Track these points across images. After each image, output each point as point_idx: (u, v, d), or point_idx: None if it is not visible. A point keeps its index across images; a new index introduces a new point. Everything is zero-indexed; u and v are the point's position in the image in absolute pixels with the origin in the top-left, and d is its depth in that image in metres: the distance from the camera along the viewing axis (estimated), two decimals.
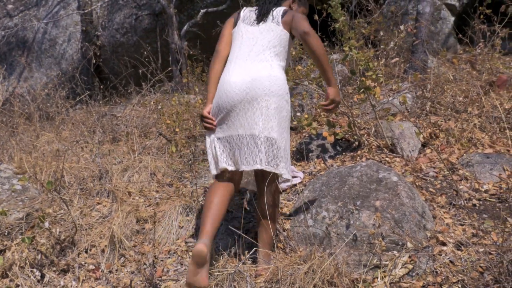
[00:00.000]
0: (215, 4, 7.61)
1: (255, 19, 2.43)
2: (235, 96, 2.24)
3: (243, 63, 2.30)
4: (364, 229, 2.29)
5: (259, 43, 2.33)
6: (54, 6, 8.62)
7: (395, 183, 2.49)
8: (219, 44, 2.46)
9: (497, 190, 2.69)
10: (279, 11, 2.39)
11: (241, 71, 2.27)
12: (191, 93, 6.18)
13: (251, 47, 2.33)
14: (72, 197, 3.14)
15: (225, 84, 2.29)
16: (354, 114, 3.82)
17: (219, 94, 2.31)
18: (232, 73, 2.29)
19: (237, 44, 2.39)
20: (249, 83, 2.23)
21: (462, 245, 2.23)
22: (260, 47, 2.32)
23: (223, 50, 2.45)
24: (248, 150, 2.23)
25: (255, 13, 2.46)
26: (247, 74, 2.25)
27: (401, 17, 6.39)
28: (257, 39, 2.34)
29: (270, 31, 2.34)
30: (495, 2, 5.30)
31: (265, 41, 2.33)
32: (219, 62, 2.44)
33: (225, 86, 2.28)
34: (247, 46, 2.34)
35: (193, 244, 2.70)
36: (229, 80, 2.28)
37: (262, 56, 2.30)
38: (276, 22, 2.35)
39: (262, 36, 2.34)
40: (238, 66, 2.30)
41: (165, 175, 3.58)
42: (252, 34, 2.37)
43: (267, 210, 2.27)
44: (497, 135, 3.30)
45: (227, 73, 2.33)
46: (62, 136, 4.65)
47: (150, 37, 7.99)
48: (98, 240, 2.73)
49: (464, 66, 4.97)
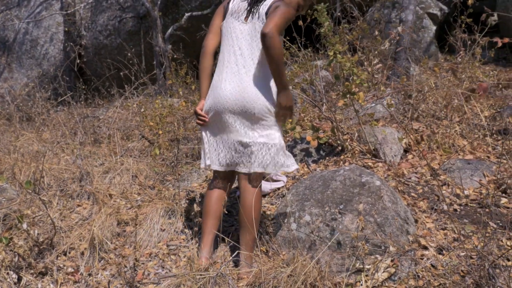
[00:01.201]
0: (200, 8, 7.60)
1: (243, 13, 2.32)
2: (225, 103, 2.25)
3: (234, 68, 2.27)
4: (347, 232, 2.29)
5: (248, 46, 2.28)
6: (37, 7, 8.50)
7: (378, 187, 2.50)
8: (206, 38, 2.40)
9: (477, 196, 2.73)
10: (266, 6, 2.26)
11: (232, 78, 2.26)
12: (174, 96, 6.15)
13: (241, 51, 2.28)
14: (51, 198, 3.08)
15: (218, 89, 2.29)
16: (337, 119, 3.84)
17: (213, 95, 2.31)
18: (224, 79, 2.28)
19: (227, 44, 2.33)
20: (238, 94, 2.23)
21: (443, 249, 2.25)
22: (248, 51, 2.28)
23: (210, 45, 2.40)
24: (236, 154, 2.30)
25: (246, 3, 2.33)
26: (237, 84, 2.24)
27: (384, 24, 6.47)
28: (246, 40, 2.29)
29: (257, 32, 2.24)
30: (476, 12, 5.40)
31: (254, 44, 2.27)
32: (206, 58, 2.40)
33: (218, 91, 2.28)
34: (237, 48, 2.29)
35: (174, 247, 2.66)
36: (221, 86, 2.27)
37: (250, 61, 2.27)
38: (261, 20, 2.24)
39: (250, 38, 2.28)
40: (230, 72, 2.27)
41: (147, 177, 3.54)
42: (241, 33, 2.30)
43: (251, 212, 2.27)
44: (477, 142, 3.36)
45: (219, 77, 2.30)
46: (42, 137, 4.57)
47: (134, 39, 7.93)
48: (78, 243, 2.68)
49: (445, 74, 5.05)
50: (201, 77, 2.42)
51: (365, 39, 5.65)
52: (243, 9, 2.33)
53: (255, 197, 2.29)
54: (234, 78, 2.26)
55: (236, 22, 2.32)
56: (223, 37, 2.38)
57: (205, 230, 2.38)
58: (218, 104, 2.27)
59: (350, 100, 3.41)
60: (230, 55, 2.30)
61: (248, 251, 2.29)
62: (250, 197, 2.28)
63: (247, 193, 2.29)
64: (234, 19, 2.34)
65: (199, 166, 3.67)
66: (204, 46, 2.41)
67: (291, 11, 2.22)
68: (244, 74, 2.25)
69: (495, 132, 3.49)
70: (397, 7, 6.48)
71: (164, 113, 4.44)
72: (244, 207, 2.29)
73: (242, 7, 2.33)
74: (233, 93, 2.23)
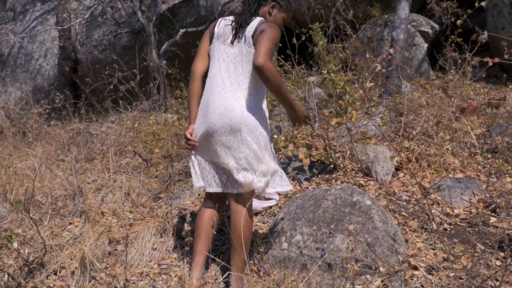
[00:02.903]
0: (195, 24, 7.67)
1: (229, 36, 2.34)
2: (213, 126, 2.26)
3: (221, 91, 2.27)
4: (338, 253, 2.30)
5: (234, 69, 2.29)
6: (32, 21, 8.55)
7: (368, 206, 2.52)
8: (195, 62, 2.42)
9: (467, 215, 2.75)
10: (252, 28, 2.27)
11: (219, 100, 2.26)
12: (169, 111, 6.17)
13: (228, 74, 2.29)
14: (43, 216, 3.07)
15: (206, 112, 2.30)
16: (330, 137, 3.87)
17: (202, 118, 2.33)
18: (211, 102, 2.28)
19: (214, 67, 2.34)
20: (225, 116, 2.23)
21: (433, 269, 2.26)
22: (235, 74, 2.29)
23: (198, 69, 2.42)
24: (224, 175, 2.35)
25: (230, 27, 2.36)
26: (223, 106, 2.24)
27: (377, 42, 6.55)
28: (232, 63, 2.30)
29: (244, 55, 2.27)
30: (466, 30, 5.49)
31: (239, 67, 2.28)
32: (195, 82, 2.41)
33: (206, 113, 2.30)
34: (224, 71, 2.30)
35: (166, 267, 2.66)
36: (208, 108, 2.29)
37: (237, 85, 2.27)
38: (248, 44, 2.26)
39: (237, 61, 2.29)
40: (217, 94, 2.27)
41: (140, 195, 3.54)
42: (228, 56, 2.31)
43: (241, 233, 2.28)
44: (468, 160, 3.39)
45: (208, 100, 2.31)
46: (36, 153, 4.56)
47: (129, 55, 7.98)
48: (68, 262, 2.66)
49: (436, 92, 5.11)
50: (190, 101, 2.43)
51: (357, 57, 5.72)
52: (229, 32, 2.35)
53: (244, 218, 2.29)
54: (221, 100, 2.25)
55: (223, 45, 2.34)
56: (211, 60, 2.40)
57: (196, 250, 2.38)
58: (207, 126, 2.28)
59: (343, 118, 3.44)
60: (217, 78, 2.31)
61: (238, 273, 2.29)
62: (239, 218, 2.28)
63: (237, 214, 2.30)
64: (220, 43, 2.35)
65: (191, 184, 3.68)
66: (193, 71, 2.42)
67: (277, 32, 2.25)
68: (231, 97, 2.25)
69: (485, 151, 3.53)
70: (389, 25, 6.57)
71: (157, 130, 4.45)
72: (234, 229, 2.29)
73: (228, 31, 2.36)
74: (220, 115, 2.24)
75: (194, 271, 2.34)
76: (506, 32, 5.77)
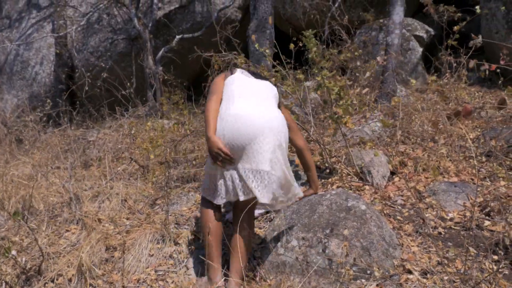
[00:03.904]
0: (191, 30, 7.70)
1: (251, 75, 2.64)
2: (247, 131, 2.30)
3: (253, 102, 2.43)
4: (333, 257, 2.32)
5: (263, 91, 2.54)
6: (28, 28, 8.56)
7: (363, 211, 2.54)
8: (217, 88, 2.52)
9: (461, 218, 2.77)
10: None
11: (253, 110, 2.37)
12: (165, 118, 6.19)
13: (256, 93, 2.50)
14: (40, 224, 3.08)
15: (237, 118, 2.33)
16: (325, 142, 3.90)
17: (233, 129, 2.32)
18: (244, 112, 2.35)
19: (238, 88, 2.49)
20: (265, 122, 2.33)
21: (427, 273, 2.28)
22: (264, 93, 2.53)
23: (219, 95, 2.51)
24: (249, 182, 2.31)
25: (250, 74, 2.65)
26: (261, 113, 2.37)
27: (372, 47, 6.60)
28: (259, 87, 2.56)
29: (269, 87, 2.60)
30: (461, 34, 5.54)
31: (267, 90, 2.56)
32: (217, 103, 2.46)
33: (236, 120, 2.33)
34: (252, 90, 2.51)
35: (162, 273, 2.67)
36: (243, 117, 2.34)
37: (267, 101, 2.49)
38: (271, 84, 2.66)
39: (263, 87, 2.57)
40: (249, 105, 2.40)
41: (137, 201, 3.55)
42: (254, 84, 2.56)
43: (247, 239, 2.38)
44: (462, 165, 3.42)
45: (241, 110, 2.37)
46: (33, 160, 4.57)
47: (125, 61, 8.00)
48: (66, 269, 2.67)
49: (432, 96, 5.15)
50: (211, 116, 2.41)
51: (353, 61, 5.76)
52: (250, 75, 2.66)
53: (249, 225, 2.40)
54: (256, 110, 2.39)
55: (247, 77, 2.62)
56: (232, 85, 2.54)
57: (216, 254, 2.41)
58: (242, 134, 2.30)
59: (338, 123, 3.47)
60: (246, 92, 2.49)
61: (238, 278, 2.31)
62: (246, 224, 2.38)
63: (244, 221, 2.39)
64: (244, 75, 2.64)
65: (188, 190, 3.69)
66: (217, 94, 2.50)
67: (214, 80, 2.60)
68: (264, 108, 2.43)
69: (480, 154, 3.56)
70: (384, 30, 6.62)
71: (154, 136, 4.47)
72: (240, 235, 2.36)
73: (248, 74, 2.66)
74: (259, 122, 2.33)
75: (217, 273, 2.37)
76: (500, 36, 5.81)
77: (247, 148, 2.30)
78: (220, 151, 2.31)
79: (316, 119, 4.59)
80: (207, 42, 6.69)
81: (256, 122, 2.31)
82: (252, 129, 2.29)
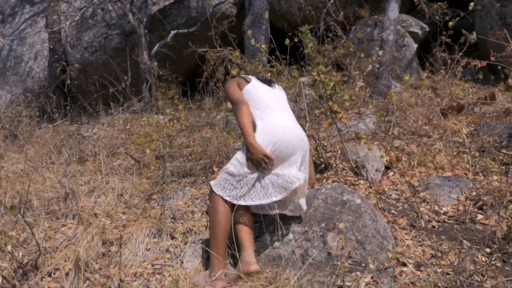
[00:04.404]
0: (186, 25, 7.68)
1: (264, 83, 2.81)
2: (295, 144, 2.54)
3: (286, 115, 2.66)
4: (329, 250, 2.34)
5: (284, 101, 2.80)
6: (21, 23, 8.51)
7: (358, 205, 2.56)
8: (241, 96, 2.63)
9: (455, 212, 2.81)
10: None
11: (291, 122, 2.63)
12: (160, 113, 6.18)
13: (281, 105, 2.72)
14: (36, 219, 3.08)
15: (286, 131, 2.53)
16: (320, 137, 3.92)
17: (285, 140, 2.51)
18: (287, 123, 2.58)
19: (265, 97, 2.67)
20: (303, 136, 2.63)
21: (421, 265, 2.31)
22: (286, 104, 2.79)
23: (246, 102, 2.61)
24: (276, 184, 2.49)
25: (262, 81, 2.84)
26: (298, 126, 2.66)
27: (367, 43, 6.62)
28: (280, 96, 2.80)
29: (284, 96, 2.85)
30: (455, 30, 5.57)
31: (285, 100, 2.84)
32: (249, 112, 2.57)
33: (286, 133, 2.53)
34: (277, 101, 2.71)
35: (159, 267, 2.69)
36: (289, 128, 2.56)
37: (291, 112, 2.76)
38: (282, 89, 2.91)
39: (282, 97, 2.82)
40: (285, 117, 2.62)
41: (133, 196, 3.56)
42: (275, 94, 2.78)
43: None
44: (456, 159, 3.45)
45: (283, 121, 2.58)
46: (27, 156, 4.56)
47: (120, 56, 7.97)
48: (63, 263, 2.68)
49: (426, 92, 5.18)
50: (248, 124, 2.51)
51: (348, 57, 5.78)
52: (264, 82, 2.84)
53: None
54: (292, 122, 2.64)
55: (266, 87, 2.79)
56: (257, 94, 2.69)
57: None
58: (289, 145, 2.51)
59: (333, 119, 3.49)
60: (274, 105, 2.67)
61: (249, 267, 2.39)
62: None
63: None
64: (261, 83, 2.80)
65: (184, 184, 3.71)
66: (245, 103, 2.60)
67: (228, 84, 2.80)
68: (294, 122, 2.69)
69: (473, 150, 3.60)
70: (379, 26, 6.65)
71: (150, 131, 4.47)
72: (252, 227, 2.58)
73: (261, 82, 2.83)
74: (298, 134, 2.59)
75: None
76: (494, 32, 5.85)
77: (290, 158, 2.52)
78: (265, 157, 2.43)
79: (311, 115, 4.61)
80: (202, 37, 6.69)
81: (300, 135, 2.58)
82: (298, 142, 2.55)
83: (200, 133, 4.85)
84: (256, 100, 2.64)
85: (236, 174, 2.51)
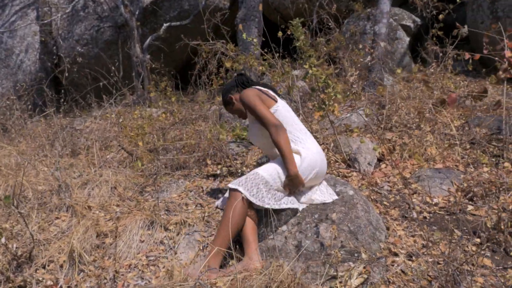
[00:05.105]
0: (179, 18, 7.66)
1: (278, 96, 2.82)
2: (326, 167, 2.74)
3: (312, 136, 2.78)
4: (322, 241, 2.37)
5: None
6: (11, 15, 8.42)
7: (351, 196, 2.59)
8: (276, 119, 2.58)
9: (446, 203, 2.85)
10: None
11: (319, 145, 2.78)
12: (153, 106, 6.17)
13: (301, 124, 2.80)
14: (30, 211, 3.08)
15: (322, 157, 2.69)
16: (313, 130, 3.94)
17: (323, 167, 2.68)
18: (320, 149, 2.72)
19: (295, 119, 2.74)
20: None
21: (413, 255, 2.35)
22: None
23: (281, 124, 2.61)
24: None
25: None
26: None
27: (360, 36, 6.64)
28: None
29: None
30: (447, 24, 5.61)
31: None
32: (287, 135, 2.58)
33: (322, 158, 2.69)
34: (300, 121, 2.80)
35: (153, 258, 2.70)
36: (323, 155, 2.72)
37: None
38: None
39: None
40: (315, 141, 2.75)
41: (126, 188, 3.57)
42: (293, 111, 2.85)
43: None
44: (447, 151, 3.49)
45: (316, 147, 2.70)
46: (19, 149, 4.54)
47: (112, 49, 7.93)
48: (57, 255, 2.69)
49: (418, 84, 5.22)
50: (291, 152, 2.56)
51: (341, 50, 5.80)
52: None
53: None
54: None
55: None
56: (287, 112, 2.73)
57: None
58: (324, 168, 2.70)
59: (325, 111, 3.51)
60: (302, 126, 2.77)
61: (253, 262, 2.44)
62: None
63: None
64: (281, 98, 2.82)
65: (178, 177, 3.72)
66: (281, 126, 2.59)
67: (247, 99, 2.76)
68: None
69: (464, 142, 3.64)
70: (371, 19, 6.67)
71: (143, 124, 4.47)
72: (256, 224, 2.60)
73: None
74: None
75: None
76: (486, 26, 5.90)
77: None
78: (302, 185, 2.60)
79: (304, 107, 4.63)
80: (195, 30, 6.68)
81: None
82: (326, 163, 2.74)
83: (193, 126, 4.86)
84: (289, 123, 2.67)
85: (271, 185, 2.55)
